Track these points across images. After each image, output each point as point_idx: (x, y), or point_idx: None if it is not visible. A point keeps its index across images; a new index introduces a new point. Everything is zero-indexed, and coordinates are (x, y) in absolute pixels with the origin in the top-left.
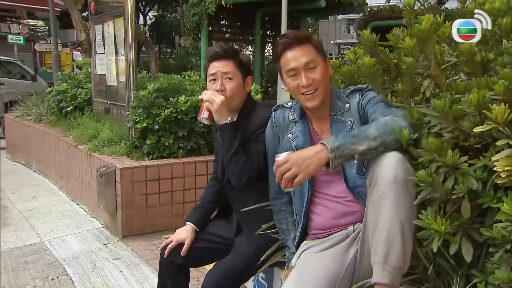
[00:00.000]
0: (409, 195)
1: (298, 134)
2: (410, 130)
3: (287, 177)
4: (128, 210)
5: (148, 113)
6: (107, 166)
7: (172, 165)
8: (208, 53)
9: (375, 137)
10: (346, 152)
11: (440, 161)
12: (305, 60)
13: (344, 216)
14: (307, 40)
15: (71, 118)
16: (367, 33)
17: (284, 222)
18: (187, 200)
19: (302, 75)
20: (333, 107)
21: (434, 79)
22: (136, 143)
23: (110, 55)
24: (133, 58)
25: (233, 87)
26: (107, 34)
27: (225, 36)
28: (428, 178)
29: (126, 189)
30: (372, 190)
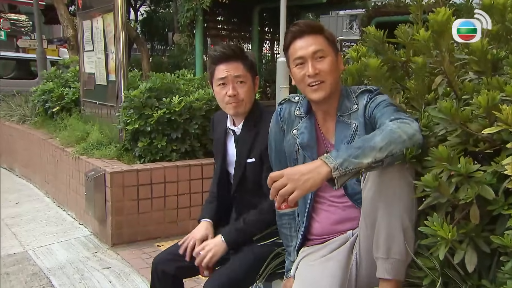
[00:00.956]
0: (405, 186)
1: (303, 131)
2: (419, 137)
3: (283, 193)
4: (119, 217)
5: (140, 114)
6: (96, 170)
7: (165, 168)
8: (214, 54)
9: (381, 148)
10: (350, 167)
11: (452, 170)
12: (313, 49)
13: (343, 222)
14: (319, 30)
15: (58, 119)
16: (373, 29)
17: (288, 227)
18: (181, 206)
19: (309, 64)
20: (341, 106)
21: (447, 76)
22: (127, 145)
23: (99, 53)
24: (124, 56)
25: (246, 91)
26: (96, 30)
27: (221, 33)
28: (434, 182)
29: (116, 194)
30: (366, 184)
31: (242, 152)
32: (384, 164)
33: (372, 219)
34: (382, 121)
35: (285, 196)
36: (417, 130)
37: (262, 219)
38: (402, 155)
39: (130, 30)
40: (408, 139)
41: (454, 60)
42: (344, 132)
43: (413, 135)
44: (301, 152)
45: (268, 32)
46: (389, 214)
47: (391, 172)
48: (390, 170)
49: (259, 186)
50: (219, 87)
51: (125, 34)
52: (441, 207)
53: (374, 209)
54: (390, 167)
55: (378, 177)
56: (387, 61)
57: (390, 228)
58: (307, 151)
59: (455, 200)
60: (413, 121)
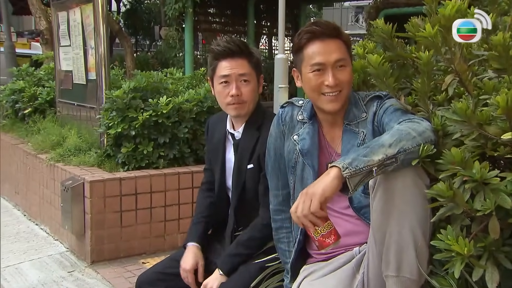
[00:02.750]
0: (419, 195)
1: (304, 136)
2: (430, 135)
3: (305, 211)
4: (99, 231)
5: (123, 116)
6: (74, 178)
7: (152, 177)
8: (217, 49)
9: (391, 144)
10: (361, 166)
11: (466, 175)
12: (336, 57)
13: (350, 235)
14: (338, 34)
15: (30, 122)
16: (381, 23)
17: (285, 242)
18: (169, 218)
19: (330, 72)
20: (348, 114)
21: (459, 75)
22: (109, 151)
23: (77, 48)
24: (105, 52)
25: (250, 91)
26: (73, 23)
27: (213, 27)
28: (448, 191)
29: (97, 205)
30: (376, 195)
31: (242, 158)
32: (398, 161)
33: (382, 233)
34: (391, 125)
35: (308, 214)
36: (427, 128)
37: (256, 237)
38: (417, 151)
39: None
40: (418, 136)
41: (472, 57)
42: (351, 141)
43: (423, 132)
44: (301, 160)
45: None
46: (400, 225)
47: (404, 178)
48: (402, 175)
49: (258, 196)
50: (221, 85)
51: (106, 27)
52: (456, 219)
53: (384, 221)
54: (402, 172)
55: (388, 185)
56: (397, 58)
57: (400, 242)
58: (308, 159)
59: (472, 211)
60: (423, 120)
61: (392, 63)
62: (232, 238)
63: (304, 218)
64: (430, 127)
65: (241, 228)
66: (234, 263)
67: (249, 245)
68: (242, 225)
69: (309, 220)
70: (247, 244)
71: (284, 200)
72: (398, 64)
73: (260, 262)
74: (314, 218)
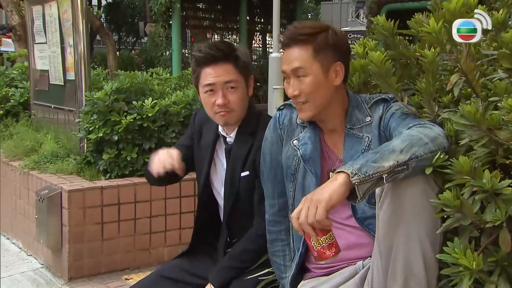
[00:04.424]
0: (429, 205)
1: (306, 141)
2: (444, 141)
3: (310, 219)
4: (78, 244)
5: (105, 120)
6: (51, 188)
7: (136, 185)
8: (199, 56)
9: (402, 150)
10: (370, 172)
11: (476, 185)
12: (292, 66)
13: (353, 248)
14: (303, 41)
15: (1, 126)
16: (382, 19)
17: (281, 256)
18: (155, 230)
19: (290, 82)
20: (350, 118)
21: (465, 74)
22: (89, 158)
23: (53, 46)
24: (85, 50)
25: (238, 99)
26: (49, 18)
27: (203, 23)
28: (455, 201)
29: (76, 217)
30: (382, 205)
31: (235, 165)
32: (410, 168)
33: (388, 244)
34: (399, 130)
35: (313, 222)
36: (439, 134)
37: (250, 249)
38: (429, 158)
39: (92, 18)
40: (431, 142)
41: (480, 56)
42: (355, 147)
43: (436, 138)
44: (302, 166)
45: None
46: (408, 236)
47: (413, 187)
48: (411, 183)
49: (253, 205)
50: (206, 94)
51: (86, 23)
52: (464, 231)
53: (390, 232)
54: (412, 180)
55: (397, 194)
56: (399, 56)
57: (408, 254)
58: (310, 165)
59: (481, 223)
60: (434, 125)
61: (394, 62)
62: (225, 251)
63: (307, 226)
64: (443, 133)
65: (235, 240)
66: (226, 277)
67: (243, 258)
68: (236, 237)
69: (313, 228)
70: (240, 257)
71: (280, 210)
72: (401, 64)
73: (254, 277)
74: (318, 227)
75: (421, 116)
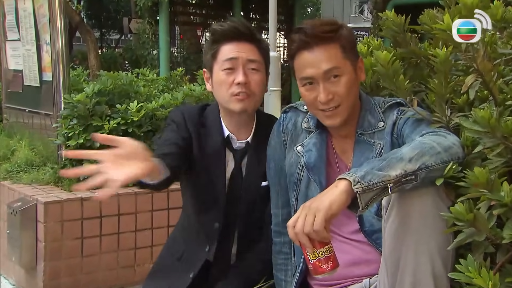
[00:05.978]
0: (440, 219)
1: (310, 148)
2: (458, 151)
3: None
4: (54, 262)
5: (86, 125)
6: (25, 199)
7: (120, 196)
8: (220, 29)
9: (411, 158)
10: (375, 181)
11: (493, 199)
12: (325, 67)
13: (359, 264)
14: (330, 38)
15: None
16: (392, 14)
17: (282, 270)
18: (140, 245)
19: (320, 87)
20: (362, 123)
21: (482, 75)
22: (68, 166)
23: (28, 43)
24: (63, 48)
25: (260, 81)
26: (23, 13)
27: (193, 20)
28: (468, 214)
29: (53, 231)
30: (389, 216)
31: (252, 173)
32: (418, 179)
33: (395, 260)
34: (412, 138)
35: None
36: (454, 143)
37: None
38: (441, 169)
39: (71, 13)
40: (444, 151)
41: (497, 56)
42: (365, 153)
43: (450, 148)
44: (305, 174)
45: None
46: (417, 252)
47: (423, 198)
48: (421, 195)
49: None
50: (223, 72)
51: (64, 18)
52: (478, 247)
53: (397, 247)
54: (421, 191)
55: (405, 205)
56: (410, 55)
57: (417, 272)
58: (314, 174)
59: (497, 238)
60: (449, 133)
61: (404, 62)
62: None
63: (303, 235)
64: (458, 142)
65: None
66: None
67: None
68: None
69: (310, 238)
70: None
71: (284, 220)
72: (411, 63)
73: None
74: (316, 237)
75: (433, 122)
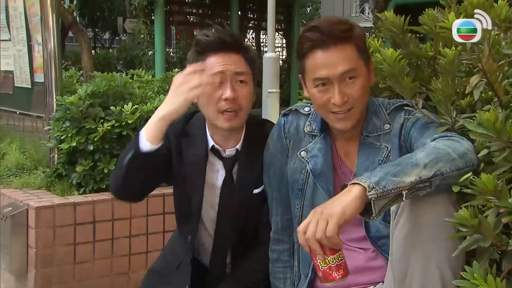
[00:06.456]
0: (450, 227)
1: (316, 153)
2: (473, 157)
3: (319, 235)
4: (46, 269)
5: (79, 127)
6: (15, 204)
7: (114, 201)
8: (205, 40)
9: (426, 165)
10: (390, 187)
11: (502, 206)
12: (342, 69)
13: (364, 271)
14: (346, 38)
15: None
16: (390, 15)
17: (281, 278)
18: (135, 251)
19: (336, 88)
20: (367, 124)
21: (487, 76)
22: (60, 170)
23: (19, 44)
24: (56, 48)
25: (248, 94)
26: (13, 12)
27: (189, 19)
28: (473, 220)
29: (44, 237)
30: (398, 222)
31: (245, 181)
32: (433, 186)
33: (403, 268)
34: (422, 141)
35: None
36: (469, 149)
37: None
38: (456, 177)
39: (64, 13)
40: (459, 158)
41: (500, 57)
42: (370, 157)
43: (465, 154)
44: (311, 181)
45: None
46: (425, 260)
47: (434, 205)
48: (432, 201)
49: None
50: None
51: (57, 18)
52: (483, 253)
53: (405, 254)
54: (433, 197)
55: (415, 211)
56: (409, 57)
57: (425, 281)
58: (321, 181)
59: (502, 244)
60: (463, 138)
61: None
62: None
63: (314, 242)
64: (472, 148)
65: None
66: None
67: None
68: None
69: (321, 245)
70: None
71: (284, 228)
72: (411, 64)
73: None
74: (327, 244)
75: (441, 124)
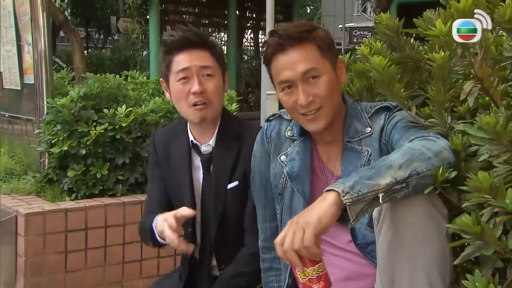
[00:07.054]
0: (435, 230)
1: (294, 157)
2: (449, 155)
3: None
4: (36, 278)
5: (71, 131)
6: (4, 211)
7: (107, 207)
8: (171, 40)
9: (401, 165)
10: (364, 191)
11: (498, 206)
12: (302, 68)
13: (353, 278)
14: (305, 38)
15: None
16: (385, 17)
17: (275, 287)
18: (129, 259)
19: (300, 89)
20: (348, 129)
21: (481, 81)
22: (51, 175)
23: (8, 44)
24: (46, 49)
25: (215, 88)
26: (2, 11)
27: (185, 18)
28: (475, 226)
29: (34, 245)
30: (381, 229)
31: (219, 176)
32: (410, 187)
33: (390, 277)
34: (401, 144)
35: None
36: (444, 148)
37: (244, 272)
38: (432, 175)
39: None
40: (434, 157)
41: (502, 59)
42: (353, 162)
43: (440, 152)
44: (289, 185)
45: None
46: (412, 267)
47: (415, 208)
48: (413, 204)
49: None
50: (179, 83)
51: (47, 17)
52: (487, 261)
53: (391, 262)
54: (413, 200)
55: (396, 217)
56: (406, 60)
57: None
58: (297, 184)
59: (506, 252)
60: (439, 137)
61: (401, 66)
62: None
63: (292, 253)
64: (448, 147)
65: (223, 266)
66: None
67: (237, 283)
68: (225, 262)
69: (300, 256)
70: (232, 282)
71: (273, 235)
72: (409, 67)
73: None
74: (307, 255)
75: (430, 128)
